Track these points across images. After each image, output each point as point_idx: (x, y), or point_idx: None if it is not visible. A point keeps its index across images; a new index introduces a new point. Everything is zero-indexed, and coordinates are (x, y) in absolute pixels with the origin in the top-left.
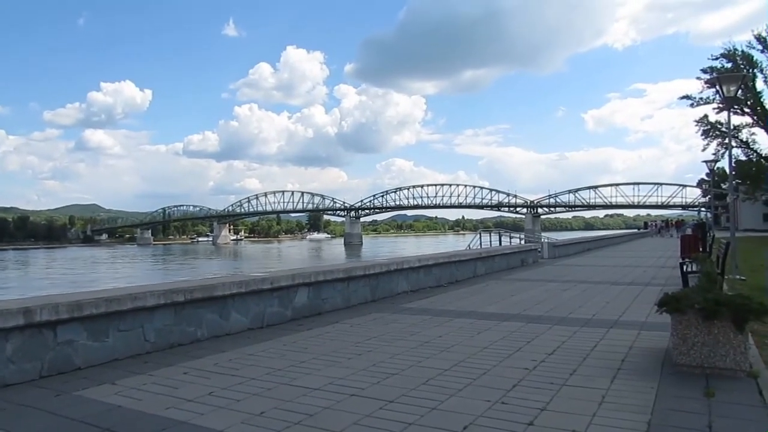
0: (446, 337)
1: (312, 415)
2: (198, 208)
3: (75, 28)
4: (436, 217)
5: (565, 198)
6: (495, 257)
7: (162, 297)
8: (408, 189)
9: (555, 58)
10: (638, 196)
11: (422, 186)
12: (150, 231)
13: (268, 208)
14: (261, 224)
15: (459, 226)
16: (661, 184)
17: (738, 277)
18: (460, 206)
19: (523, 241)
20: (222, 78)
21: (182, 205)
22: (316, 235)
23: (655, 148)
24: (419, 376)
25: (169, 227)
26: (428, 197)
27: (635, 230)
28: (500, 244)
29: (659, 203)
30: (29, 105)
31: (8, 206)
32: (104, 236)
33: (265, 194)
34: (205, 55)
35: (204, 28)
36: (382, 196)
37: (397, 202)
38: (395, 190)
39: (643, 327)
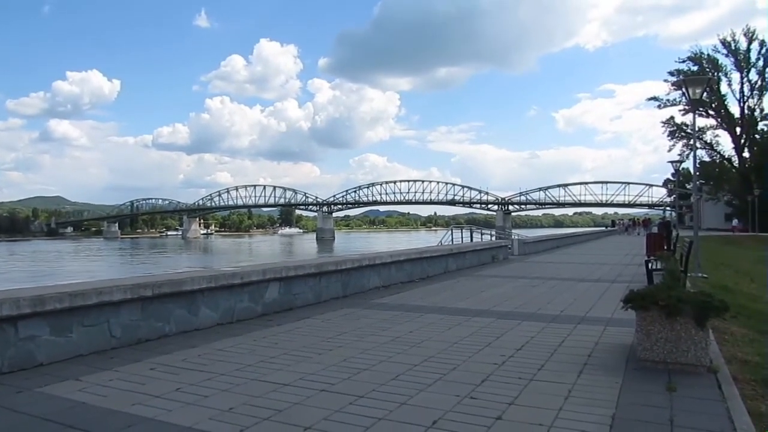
0: (417, 332)
1: (281, 410)
2: (167, 202)
3: (39, 15)
4: (408, 213)
5: (535, 196)
6: (466, 253)
7: (129, 291)
8: (381, 185)
9: (528, 57)
10: (606, 194)
11: (395, 182)
12: (117, 224)
13: (240, 203)
14: (232, 218)
15: (431, 222)
16: (629, 183)
17: (701, 275)
18: (432, 203)
19: (494, 238)
20: (193, 70)
21: (151, 199)
22: (288, 230)
23: (623, 148)
24: (389, 371)
25: (137, 221)
26: (401, 193)
27: (603, 228)
28: (471, 240)
29: (627, 202)
30: None
31: None
32: (69, 229)
33: (237, 188)
34: (176, 46)
35: (175, 19)
36: (355, 191)
37: (370, 198)
38: (368, 186)
39: (609, 323)
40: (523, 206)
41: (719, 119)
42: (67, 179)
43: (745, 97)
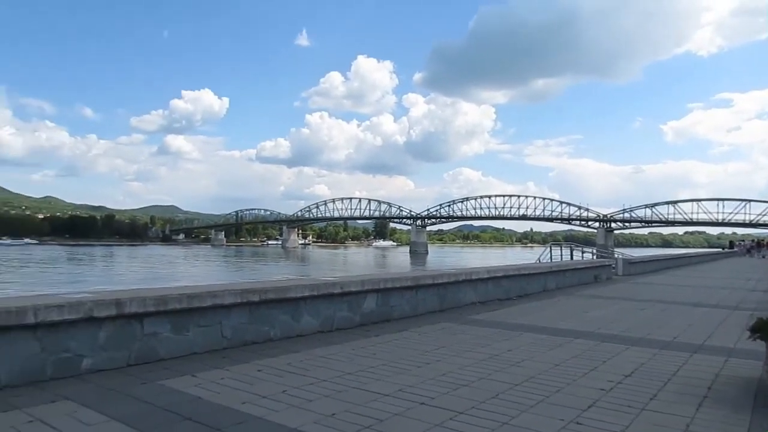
0: (516, 351)
1: (382, 420)
2: (269, 212)
3: (160, 40)
4: (503, 228)
5: (641, 213)
6: (566, 272)
7: (238, 296)
8: (475, 199)
9: (632, 66)
10: (723, 212)
11: (490, 196)
12: (223, 233)
13: (336, 215)
14: (328, 230)
15: (527, 238)
16: (750, 200)
17: None
18: (528, 218)
19: (595, 257)
20: (294, 86)
21: (254, 209)
22: (381, 243)
23: (743, 161)
24: (489, 389)
25: (241, 230)
26: (496, 208)
27: (720, 249)
28: (571, 258)
29: (747, 221)
30: (117, 111)
31: (97, 205)
32: (181, 236)
33: (333, 200)
34: (278, 65)
35: (278, 39)
36: (449, 205)
37: (464, 212)
38: (462, 200)
39: (731, 353)
40: (626, 224)
41: None
42: (180, 190)
43: None
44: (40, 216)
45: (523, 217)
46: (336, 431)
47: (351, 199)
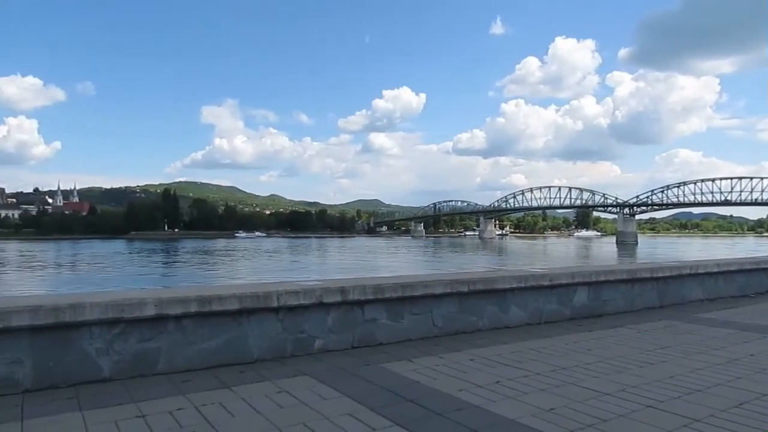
0: (761, 356)
1: (606, 420)
2: (465, 204)
3: (362, 44)
4: (731, 216)
5: None
6: None
7: (448, 286)
8: (694, 183)
9: None
10: None
11: (713, 180)
12: (422, 224)
13: (534, 204)
14: (526, 220)
15: (762, 227)
16: None
17: None
18: (763, 203)
19: None
20: (488, 76)
21: (451, 201)
22: (584, 233)
23: None
24: (729, 396)
25: (439, 221)
26: (721, 193)
27: None
28: None
29: None
30: (328, 115)
31: (312, 201)
32: (384, 228)
33: (531, 190)
34: (472, 56)
35: (472, 30)
36: (662, 191)
37: (681, 199)
38: (678, 185)
39: None
40: None
41: None
42: (382, 184)
43: None
44: (267, 212)
45: (757, 203)
46: (556, 426)
47: (550, 187)
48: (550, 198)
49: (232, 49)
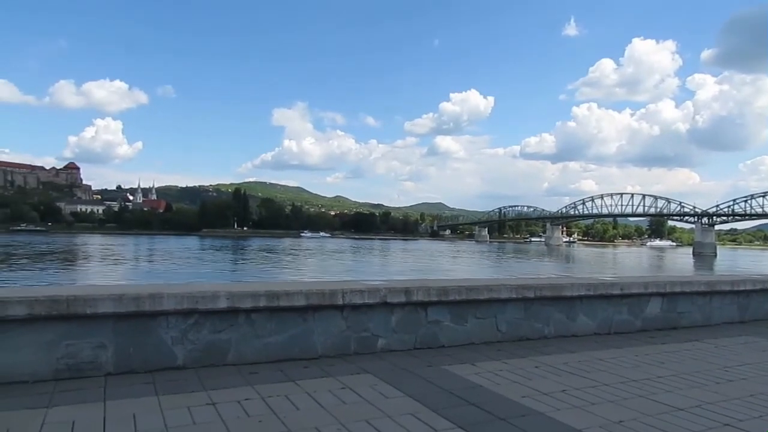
0: None
1: None
2: (532, 209)
3: (431, 48)
4: None
5: None
6: None
7: (513, 291)
8: None
9: None
10: None
11: None
12: (486, 229)
13: (604, 211)
14: (595, 227)
15: None
16: None
17: None
18: None
19: None
20: (560, 79)
21: (517, 206)
22: (657, 242)
23: None
24: None
25: (504, 226)
26: None
27: None
28: None
29: None
30: (394, 118)
31: (376, 203)
32: (447, 232)
33: (602, 196)
34: (543, 58)
35: (545, 32)
36: (745, 201)
37: (766, 209)
38: (764, 195)
39: None
40: None
41: None
42: (447, 187)
43: None
44: (332, 213)
45: None
46: None
47: (622, 194)
48: (621, 205)
49: (304, 52)
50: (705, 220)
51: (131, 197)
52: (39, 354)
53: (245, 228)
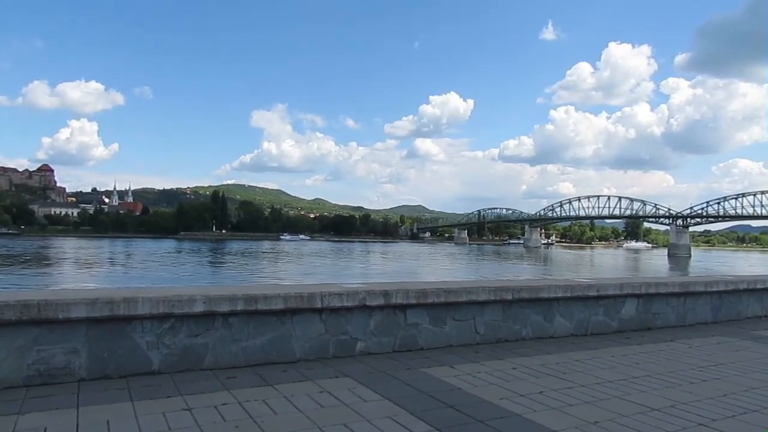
0: None
1: None
2: (510, 211)
3: (411, 50)
4: None
5: None
6: None
7: (492, 293)
8: (754, 195)
9: None
10: None
11: None
12: (466, 231)
13: (582, 213)
14: (573, 229)
15: None
16: None
17: None
18: None
19: None
20: (538, 83)
21: (496, 208)
22: (633, 244)
23: None
24: None
25: (484, 228)
26: None
27: None
28: None
29: None
30: (374, 120)
31: (356, 205)
32: (427, 234)
33: (579, 199)
34: (522, 62)
35: (522, 36)
36: (719, 203)
37: (739, 211)
38: (736, 197)
39: None
40: None
41: None
42: (426, 190)
43: None
44: (312, 215)
45: None
46: None
47: (599, 197)
48: (598, 207)
49: (284, 54)
50: (679, 221)
51: (107, 200)
52: (9, 360)
53: (224, 231)
